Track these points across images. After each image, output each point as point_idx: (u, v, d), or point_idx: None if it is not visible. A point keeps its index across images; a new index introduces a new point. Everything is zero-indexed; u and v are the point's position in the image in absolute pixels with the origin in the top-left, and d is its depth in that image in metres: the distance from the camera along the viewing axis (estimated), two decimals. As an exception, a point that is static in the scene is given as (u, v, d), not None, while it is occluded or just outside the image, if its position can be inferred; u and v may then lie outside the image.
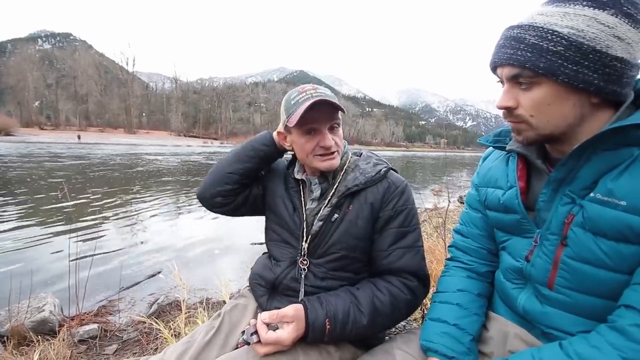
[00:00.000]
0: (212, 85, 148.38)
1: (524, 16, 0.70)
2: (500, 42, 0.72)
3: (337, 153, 1.05)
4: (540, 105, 0.69)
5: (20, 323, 2.31)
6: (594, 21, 0.62)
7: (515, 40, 0.68)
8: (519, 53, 0.67)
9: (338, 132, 1.06)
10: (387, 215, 1.03)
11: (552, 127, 0.70)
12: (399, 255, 1.01)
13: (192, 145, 59.72)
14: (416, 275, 1.02)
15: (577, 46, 0.63)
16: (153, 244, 5.08)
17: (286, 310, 0.91)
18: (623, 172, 0.66)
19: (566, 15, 0.64)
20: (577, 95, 0.67)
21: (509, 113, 0.74)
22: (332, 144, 1.02)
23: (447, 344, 0.84)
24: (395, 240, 1.03)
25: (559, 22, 0.64)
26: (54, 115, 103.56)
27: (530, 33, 0.66)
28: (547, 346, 0.70)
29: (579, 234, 0.71)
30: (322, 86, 1.04)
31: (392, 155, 48.35)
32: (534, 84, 0.68)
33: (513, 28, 0.70)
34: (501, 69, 0.72)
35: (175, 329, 2.19)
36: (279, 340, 0.87)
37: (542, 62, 0.65)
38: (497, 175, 0.92)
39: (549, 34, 0.64)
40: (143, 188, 10.43)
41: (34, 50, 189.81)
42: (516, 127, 0.75)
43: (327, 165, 1.04)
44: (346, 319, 0.93)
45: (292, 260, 1.09)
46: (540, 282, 0.79)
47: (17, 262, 4.06)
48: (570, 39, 0.63)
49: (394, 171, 1.13)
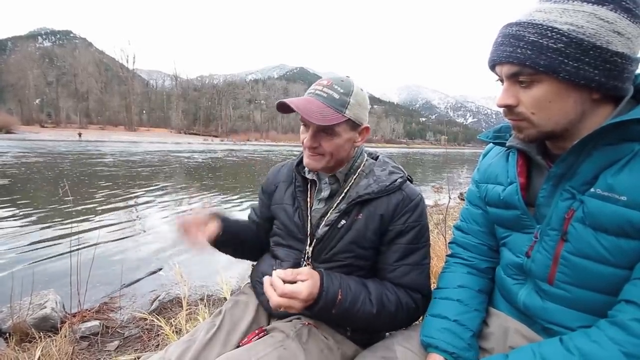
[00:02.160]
0: (212, 82, 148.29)
1: (522, 13, 0.69)
2: (498, 40, 0.71)
3: (323, 157, 1.01)
4: (541, 102, 0.68)
5: (22, 320, 2.32)
6: (594, 17, 0.62)
7: (514, 37, 0.67)
8: (518, 51, 0.66)
9: (331, 140, 0.99)
10: (398, 230, 1.00)
11: (554, 124, 0.70)
12: (405, 272, 1.00)
13: (192, 142, 59.67)
14: (420, 292, 1.01)
15: (578, 43, 0.62)
16: (154, 241, 5.08)
17: (302, 269, 0.89)
18: (623, 168, 0.66)
19: (565, 11, 0.63)
20: (578, 92, 0.66)
21: (509, 111, 0.73)
22: (311, 144, 0.99)
23: (448, 340, 0.84)
24: (402, 256, 1.01)
25: (558, 19, 0.64)
26: (55, 113, 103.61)
27: (530, 30, 0.66)
28: (547, 341, 0.70)
29: (579, 229, 0.71)
30: (338, 86, 0.98)
31: (392, 152, 48.28)
32: (535, 81, 0.67)
33: (511, 25, 0.69)
34: (500, 67, 0.72)
35: (176, 326, 2.20)
36: (295, 293, 0.82)
37: (542, 60, 0.64)
38: (497, 172, 0.91)
39: (549, 31, 0.64)
40: (143, 186, 10.44)
41: (34, 48, 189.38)
42: (517, 125, 0.75)
43: (306, 162, 1.04)
44: (356, 299, 0.92)
45: (296, 262, 1.08)
46: (540, 277, 0.79)
47: (18, 259, 4.08)
48: (570, 35, 0.63)
49: (410, 181, 1.09)
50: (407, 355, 0.88)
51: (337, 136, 0.99)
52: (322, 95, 0.97)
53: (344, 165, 1.07)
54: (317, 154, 1.01)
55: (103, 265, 3.90)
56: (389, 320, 0.97)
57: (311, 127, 0.99)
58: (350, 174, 1.08)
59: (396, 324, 1.00)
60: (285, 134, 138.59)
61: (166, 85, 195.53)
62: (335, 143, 1.00)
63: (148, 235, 5.39)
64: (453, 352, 0.83)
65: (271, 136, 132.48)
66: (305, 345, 0.93)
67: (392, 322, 0.99)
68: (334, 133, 0.99)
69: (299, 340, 0.94)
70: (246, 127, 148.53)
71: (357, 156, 1.09)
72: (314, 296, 0.86)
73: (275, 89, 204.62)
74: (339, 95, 0.97)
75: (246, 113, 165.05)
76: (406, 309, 0.98)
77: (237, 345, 0.98)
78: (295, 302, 0.83)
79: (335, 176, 1.07)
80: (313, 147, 1.00)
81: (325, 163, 1.02)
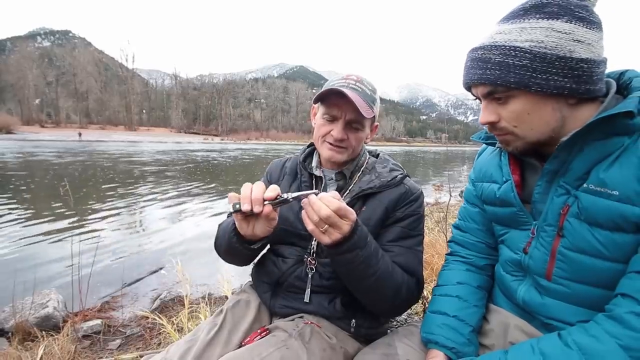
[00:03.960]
0: (212, 81, 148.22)
1: (484, 36, 0.73)
2: (468, 64, 0.75)
3: (346, 150, 1.04)
4: (520, 115, 0.72)
5: (25, 319, 2.33)
6: (551, 31, 0.65)
7: (481, 61, 0.71)
8: (488, 72, 0.70)
9: (357, 133, 1.04)
10: (397, 217, 1.04)
11: (538, 133, 0.73)
12: (400, 252, 1.01)
13: (192, 142, 59.72)
14: (414, 275, 1.01)
15: (541, 56, 0.66)
16: (155, 240, 5.10)
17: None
18: (614, 162, 0.67)
19: (523, 30, 0.67)
20: (554, 100, 0.69)
21: (493, 127, 0.77)
22: (342, 137, 1.02)
23: (447, 335, 0.85)
24: (398, 238, 1.03)
25: (518, 38, 0.67)
26: (55, 112, 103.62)
27: (494, 52, 0.69)
28: (546, 336, 0.71)
29: (575, 224, 0.72)
30: (367, 83, 1.04)
31: (393, 151, 48.25)
32: (510, 97, 0.71)
33: (476, 50, 0.73)
34: (475, 88, 0.76)
35: (178, 324, 2.21)
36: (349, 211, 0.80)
37: (511, 77, 0.68)
38: (492, 170, 0.93)
39: (512, 51, 0.67)
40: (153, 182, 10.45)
41: (34, 48, 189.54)
42: (504, 139, 0.78)
43: (328, 155, 1.05)
44: (378, 249, 0.91)
45: (299, 259, 1.08)
46: (538, 273, 0.80)
47: (21, 258, 4.09)
48: (533, 51, 0.66)
49: (409, 178, 1.13)
50: (408, 351, 0.89)
51: (362, 131, 1.05)
52: (358, 90, 1.01)
53: (353, 161, 1.11)
54: (342, 147, 1.04)
55: (105, 264, 3.92)
56: (395, 289, 0.94)
57: (342, 119, 1.01)
58: (355, 171, 1.11)
59: (397, 301, 0.96)
60: (285, 133, 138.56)
61: (166, 84, 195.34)
62: (360, 137, 1.05)
63: (150, 234, 5.40)
64: (453, 347, 0.83)
65: (271, 135, 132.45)
66: (308, 345, 0.93)
67: (396, 294, 0.94)
68: (362, 128, 1.04)
69: (302, 339, 0.93)
70: (246, 126, 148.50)
71: (362, 154, 1.13)
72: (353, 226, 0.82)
73: (275, 88, 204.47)
74: (369, 91, 1.03)
75: (246, 112, 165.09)
76: (406, 285, 0.96)
77: (239, 345, 0.97)
78: (344, 223, 0.80)
79: (343, 172, 1.10)
80: (342, 139, 1.02)
81: (347, 156, 1.06)
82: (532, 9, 0.67)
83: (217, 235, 1.10)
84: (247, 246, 0.96)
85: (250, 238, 0.92)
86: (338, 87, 0.99)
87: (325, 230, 0.80)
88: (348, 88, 0.99)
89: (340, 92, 0.96)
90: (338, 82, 1.03)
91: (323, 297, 1.05)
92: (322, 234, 0.80)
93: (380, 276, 0.89)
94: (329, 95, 1.00)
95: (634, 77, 0.73)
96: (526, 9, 0.68)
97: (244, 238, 0.93)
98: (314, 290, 1.05)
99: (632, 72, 0.75)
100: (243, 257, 1.05)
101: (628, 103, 0.66)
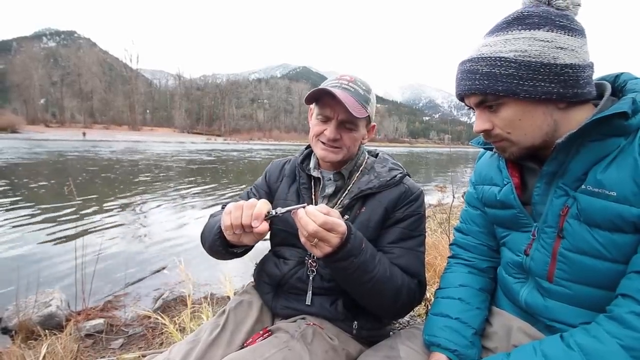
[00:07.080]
0: (215, 82, 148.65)
1: (472, 49, 0.76)
2: (458, 76, 0.78)
3: (340, 149, 1.04)
4: (512, 122, 0.74)
5: (28, 318, 2.35)
6: (533, 40, 0.68)
7: (469, 72, 0.74)
8: (477, 83, 0.73)
9: (351, 133, 1.04)
10: (398, 217, 1.04)
11: (531, 138, 0.75)
12: (401, 254, 1.00)
13: (196, 142, 59.91)
14: (415, 277, 1.00)
15: (526, 65, 0.68)
16: (158, 240, 5.11)
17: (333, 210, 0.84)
18: (611, 164, 0.68)
19: (507, 41, 0.70)
20: (544, 105, 0.71)
21: (488, 135, 0.80)
22: (335, 137, 1.01)
23: (450, 338, 0.85)
24: (399, 239, 1.02)
25: (503, 49, 0.70)
26: (59, 112, 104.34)
27: (481, 64, 0.72)
28: (548, 338, 0.71)
29: (575, 225, 0.72)
30: (360, 83, 1.04)
31: (396, 152, 48.18)
32: (501, 105, 0.73)
33: (465, 62, 0.76)
34: (467, 99, 0.78)
35: (180, 324, 2.21)
36: (336, 224, 0.79)
37: (499, 86, 0.70)
38: (492, 173, 0.93)
39: (498, 61, 0.70)
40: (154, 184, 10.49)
41: (39, 49, 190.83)
42: (500, 147, 0.80)
43: (322, 154, 1.05)
44: (374, 255, 0.90)
45: (300, 261, 1.07)
46: (540, 275, 0.80)
47: (23, 258, 4.12)
48: (517, 60, 0.69)
49: (409, 177, 1.12)
50: (411, 354, 0.89)
51: (356, 131, 1.05)
52: (350, 90, 1.01)
53: (350, 162, 1.10)
54: (335, 147, 1.04)
55: (107, 264, 3.93)
56: (394, 292, 0.93)
57: (334, 119, 1.01)
58: (354, 171, 1.11)
59: (398, 304, 0.95)
60: (288, 133, 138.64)
61: (169, 84, 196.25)
62: (354, 137, 1.05)
63: (152, 234, 5.42)
64: (455, 350, 0.83)
65: (274, 135, 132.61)
66: (310, 346, 0.92)
67: (396, 297, 0.94)
68: (355, 127, 1.04)
69: (304, 341, 0.93)
70: (249, 126, 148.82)
71: (360, 154, 1.13)
72: (344, 233, 0.82)
73: (278, 88, 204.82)
74: (362, 91, 1.03)
75: (249, 112, 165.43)
76: (407, 287, 0.96)
77: (241, 346, 0.97)
78: (332, 236, 0.79)
79: (341, 173, 1.09)
80: (335, 139, 1.02)
81: (342, 156, 1.05)
82: (515, 21, 0.71)
83: (204, 230, 1.10)
84: (230, 250, 0.98)
85: (235, 243, 0.92)
86: (330, 87, 0.99)
87: (316, 243, 0.81)
88: (340, 88, 1.00)
89: (330, 93, 0.96)
90: (331, 83, 1.03)
91: (325, 299, 1.05)
92: (313, 247, 0.82)
93: (378, 281, 0.89)
94: (322, 96, 1.00)
95: (629, 80, 0.75)
96: (509, 21, 0.72)
97: (228, 242, 0.93)
98: (316, 292, 1.05)
99: (627, 74, 0.77)
100: (225, 257, 1.06)
101: (622, 104, 0.67)
